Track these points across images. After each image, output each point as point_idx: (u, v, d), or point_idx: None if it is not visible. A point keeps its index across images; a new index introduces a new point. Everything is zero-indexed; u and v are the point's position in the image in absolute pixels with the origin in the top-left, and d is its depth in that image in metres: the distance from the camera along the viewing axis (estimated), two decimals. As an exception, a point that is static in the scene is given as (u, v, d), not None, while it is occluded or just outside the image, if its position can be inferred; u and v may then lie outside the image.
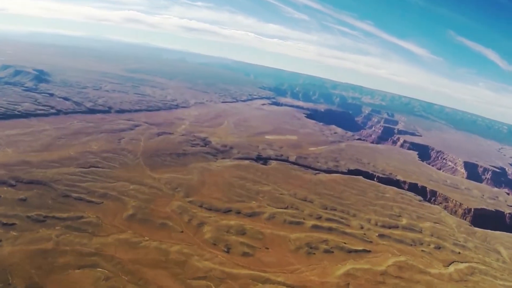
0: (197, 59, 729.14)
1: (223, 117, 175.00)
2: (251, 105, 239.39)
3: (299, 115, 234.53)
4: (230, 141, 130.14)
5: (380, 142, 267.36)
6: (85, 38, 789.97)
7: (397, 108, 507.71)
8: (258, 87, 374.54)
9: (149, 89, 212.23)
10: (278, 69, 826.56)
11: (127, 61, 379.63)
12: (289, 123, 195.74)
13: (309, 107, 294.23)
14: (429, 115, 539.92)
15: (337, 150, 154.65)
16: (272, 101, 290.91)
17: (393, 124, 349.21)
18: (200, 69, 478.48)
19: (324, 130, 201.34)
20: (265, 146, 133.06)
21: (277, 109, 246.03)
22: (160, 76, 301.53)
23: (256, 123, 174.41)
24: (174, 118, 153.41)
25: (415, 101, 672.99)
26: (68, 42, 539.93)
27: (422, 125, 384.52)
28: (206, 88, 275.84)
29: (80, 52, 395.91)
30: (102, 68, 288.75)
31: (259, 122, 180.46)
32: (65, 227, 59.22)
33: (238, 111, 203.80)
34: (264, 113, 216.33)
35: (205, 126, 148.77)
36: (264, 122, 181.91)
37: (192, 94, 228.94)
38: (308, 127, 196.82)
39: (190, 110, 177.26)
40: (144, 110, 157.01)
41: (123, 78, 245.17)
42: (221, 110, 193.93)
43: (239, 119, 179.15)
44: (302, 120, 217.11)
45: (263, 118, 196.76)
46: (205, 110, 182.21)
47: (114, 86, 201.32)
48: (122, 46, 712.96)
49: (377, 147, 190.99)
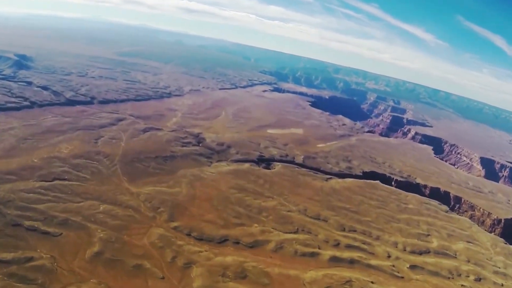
0: (195, 41, 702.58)
1: (221, 107, 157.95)
2: (251, 92, 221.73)
3: (303, 103, 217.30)
4: (228, 137, 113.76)
5: (390, 133, 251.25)
6: (83, 20, 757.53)
7: (403, 95, 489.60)
8: (259, 71, 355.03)
9: (140, 75, 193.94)
10: (279, 52, 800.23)
11: (121, 44, 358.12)
12: (293, 113, 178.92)
13: (313, 93, 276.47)
14: (436, 102, 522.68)
15: (348, 147, 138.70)
16: (273, 87, 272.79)
17: (400, 113, 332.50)
18: (198, 51, 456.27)
19: (331, 121, 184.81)
20: (267, 143, 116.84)
21: (279, 96, 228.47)
22: (155, 59, 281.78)
23: (257, 114, 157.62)
24: (165, 109, 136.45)
25: (420, 87, 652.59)
26: (63, 25, 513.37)
27: (430, 113, 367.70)
28: (203, 73, 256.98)
29: (73, 34, 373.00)
30: (93, 51, 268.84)
31: (260, 112, 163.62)
32: (8, 275, 43.83)
33: (237, 99, 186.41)
34: (265, 101, 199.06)
35: (200, 118, 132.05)
36: (266, 113, 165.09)
37: (187, 80, 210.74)
38: (314, 118, 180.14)
39: (184, 98, 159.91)
40: (131, 100, 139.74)
41: (114, 63, 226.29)
42: (219, 98, 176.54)
43: (238, 108, 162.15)
44: (307, 110, 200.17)
45: (265, 107, 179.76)
46: (200, 99, 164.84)
47: (102, 72, 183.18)
48: (119, 28, 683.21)
49: (390, 141, 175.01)
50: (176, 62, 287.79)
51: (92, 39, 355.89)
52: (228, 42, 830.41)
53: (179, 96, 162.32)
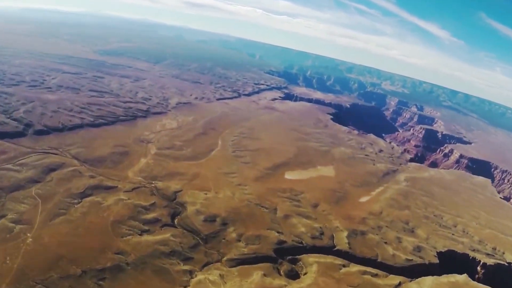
0: (196, 35, 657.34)
1: (217, 131, 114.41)
2: (258, 102, 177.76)
3: (323, 117, 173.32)
4: (224, 201, 70.34)
5: (427, 153, 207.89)
6: (82, 14, 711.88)
7: (422, 97, 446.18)
8: (265, 72, 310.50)
9: (116, 82, 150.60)
10: (285, 48, 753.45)
11: (110, 40, 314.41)
12: (315, 135, 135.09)
13: (331, 100, 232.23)
14: (458, 107, 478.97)
15: (401, 198, 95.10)
16: (284, 92, 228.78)
17: (428, 122, 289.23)
18: (197, 47, 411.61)
19: (363, 144, 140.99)
20: (288, 207, 73.37)
21: (292, 106, 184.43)
22: (144, 58, 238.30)
23: (267, 141, 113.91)
24: (133, 139, 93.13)
25: (437, 87, 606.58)
26: (57, 19, 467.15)
27: (459, 122, 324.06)
28: (199, 76, 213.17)
29: (61, 29, 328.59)
30: (70, 49, 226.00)
31: (272, 137, 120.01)
32: None
33: (240, 115, 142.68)
34: (277, 116, 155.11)
35: (183, 157, 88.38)
36: (279, 138, 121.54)
37: (177, 86, 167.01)
38: (342, 142, 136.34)
39: (166, 118, 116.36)
40: (88, 126, 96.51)
41: (89, 64, 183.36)
42: (216, 116, 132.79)
43: (242, 132, 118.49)
44: (330, 127, 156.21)
45: (277, 127, 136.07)
46: (190, 118, 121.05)
47: (66, 79, 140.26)
48: (118, 22, 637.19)
49: (444, 178, 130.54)
50: (169, 61, 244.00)
51: (78, 35, 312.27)
52: (232, 37, 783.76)
53: (160, 115, 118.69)
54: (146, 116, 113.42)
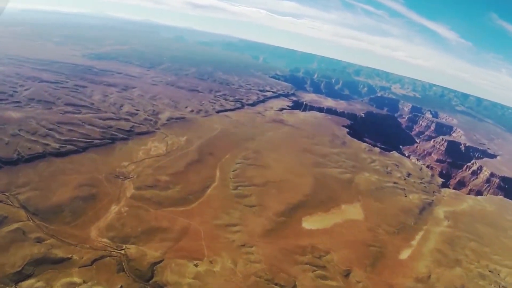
0: (198, 37, 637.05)
1: (215, 157, 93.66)
2: (264, 114, 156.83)
3: (338, 130, 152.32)
4: (221, 286, 49.67)
5: (453, 170, 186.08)
6: (83, 16, 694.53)
7: (435, 102, 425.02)
8: (270, 76, 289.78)
9: (99, 92, 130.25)
10: (289, 49, 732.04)
11: (104, 42, 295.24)
12: (333, 157, 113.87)
13: (343, 108, 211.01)
14: (470, 111, 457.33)
15: (446, 248, 74.15)
16: (291, 100, 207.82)
17: (446, 131, 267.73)
18: (198, 50, 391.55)
19: (388, 166, 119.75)
20: (311, 286, 52.78)
21: (303, 118, 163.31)
22: (138, 62, 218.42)
23: (277, 170, 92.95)
24: (106, 175, 72.52)
25: (447, 91, 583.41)
26: (55, 20, 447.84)
27: (477, 129, 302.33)
28: (198, 82, 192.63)
29: (53, 31, 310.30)
30: (59, 53, 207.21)
31: (282, 162, 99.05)
32: None
33: (243, 133, 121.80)
34: (286, 132, 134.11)
35: (168, 203, 67.43)
36: (291, 166, 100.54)
37: (171, 96, 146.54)
38: (364, 165, 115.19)
39: (153, 140, 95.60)
40: (50, 155, 76.25)
41: (74, 70, 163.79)
42: (214, 134, 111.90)
43: (245, 157, 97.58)
44: (348, 143, 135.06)
45: (287, 148, 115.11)
46: (182, 140, 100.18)
47: (41, 89, 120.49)
48: (118, 23, 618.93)
49: (485, 210, 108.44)
50: (165, 66, 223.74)
51: (71, 37, 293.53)
52: (235, 38, 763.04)
53: (147, 135, 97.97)
54: (128, 137, 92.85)
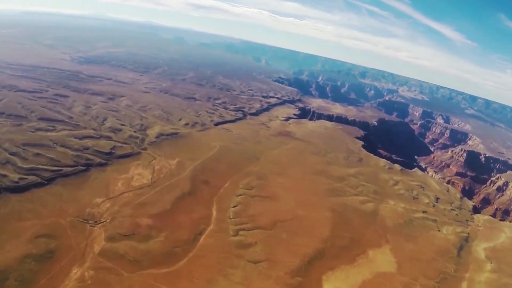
0: (199, 38, 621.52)
1: (210, 187, 76.90)
2: (268, 125, 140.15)
3: (352, 143, 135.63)
4: None
5: (476, 186, 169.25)
6: (84, 17, 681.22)
7: (444, 105, 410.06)
8: (274, 80, 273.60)
9: (82, 103, 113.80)
10: (292, 51, 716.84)
11: (99, 44, 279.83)
12: (351, 182, 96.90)
13: (353, 115, 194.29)
14: (480, 114, 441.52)
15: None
16: (298, 106, 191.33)
17: (462, 138, 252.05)
18: (198, 52, 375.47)
19: (413, 189, 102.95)
20: None
21: (312, 129, 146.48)
22: (132, 66, 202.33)
23: (287, 205, 75.96)
24: (72, 218, 56.00)
25: (455, 93, 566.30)
26: (52, 22, 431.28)
27: (492, 135, 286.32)
28: (196, 88, 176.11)
29: (47, 34, 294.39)
30: (47, 56, 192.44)
31: (292, 194, 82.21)
32: None
33: (245, 151, 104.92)
34: (294, 148, 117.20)
35: (147, 262, 50.39)
36: (303, 195, 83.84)
37: (163, 106, 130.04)
38: (386, 189, 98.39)
39: (137, 165, 78.91)
40: (6, 190, 59.93)
41: (59, 76, 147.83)
42: (211, 155, 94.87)
43: (248, 188, 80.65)
44: (365, 161, 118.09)
45: (297, 169, 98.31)
46: (172, 163, 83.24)
47: (15, 100, 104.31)
48: (118, 24, 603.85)
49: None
50: (161, 69, 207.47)
51: (64, 39, 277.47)
52: (236, 39, 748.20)
53: (130, 159, 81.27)
54: (107, 162, 76.29)
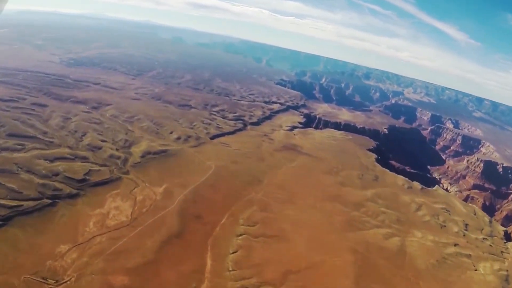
0: (198, 38, 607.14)
1: (204, 224, 63.08)
2: (271, 137, 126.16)
3: (364, 156, 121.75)
4: None
5: (496, 201, 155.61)
6: (81, 17, 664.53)
7: (451, 108, 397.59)
8: (276, 83, 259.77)
9: (61, 114, 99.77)
10: (293, 51, 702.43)
11: (93, 44, 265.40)
12: (370, 208, 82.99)
13: (362, 122, 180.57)
14: (488, 117, 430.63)
15: None
16: (302, 113, 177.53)
17: (474, 145, 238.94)
18: (197, 52, 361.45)
19: (439, 216, 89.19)
20: None
21: (320, 140, 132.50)
22: (124, 69, 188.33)
23: (300, 248, 62.13)
24: (25, 278, 42.48)
25: (461, 95, 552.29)
26: (48, 21, 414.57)
27: (504, 141, 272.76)
28: (192, 93, 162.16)
29: (39, 33, 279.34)
30: (34, 58, 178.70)
31: (304, 230, 68.47)
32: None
33: (245, 172, 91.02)
34: (302, 165, 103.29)
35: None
36: (317, 230, 70.17)
37: (153, 116, 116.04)
38: (409, 216, 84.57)
39: (115, 195, 64.68)
40: None
41: (42, 81, 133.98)
42: (205, 178, 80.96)
43: (249, 224, 66.87)
44: (381, 179, 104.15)
45: (308, 193, 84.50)
46: (158, 191, 69.15)
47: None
48: (116, 24, 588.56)
49: None
50: (156, 72, 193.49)
51: (56, 39, 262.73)
52: (236, 39, 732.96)
53: (107, 186, 67.23)
54: (78, 193, 62.37)
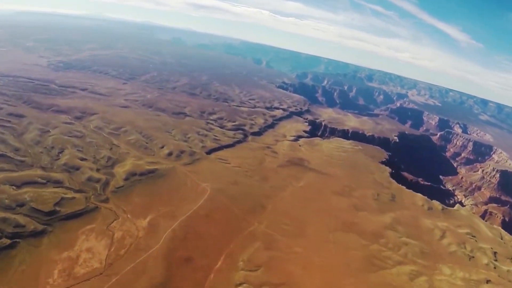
0: (197, 39, 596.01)
1: (196, 271, 51.51)
2: (274, 149, 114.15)
3: (377, 171, 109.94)
4: None
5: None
6: (79, 17, 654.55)
7: (457, 111, 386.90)
8: (277, 86, 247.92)
9: (38, 126, 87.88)
10: (294, 52, 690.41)
11: (85, 46, 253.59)
12: (390, 239, 71.21)
13: (370, 130, 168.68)
14: (495, 120, 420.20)
15: None
16: (306, 119, 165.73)
17: (486, 151, 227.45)
18: (195, 53, 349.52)
19: (465, 243, 77.29)
20: None
21: (329, 153, 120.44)
22: (115, 73, 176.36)
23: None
24: None
25: (466, 97, 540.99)
26: (44, 22, 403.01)
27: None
28: (188, 98, 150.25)
29: (30, 35, 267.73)
30: (20, 61, 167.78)
31: (316, 271, 56.89)
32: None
33: (246, 196, 79.14)
34: (309, 186, 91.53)
35: None
36: (332, 275, 58.52)
37: (143, 128, 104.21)
38: (433, 246, 72.66)
39: (87, 235, 52.14)
40: None
41: (24, 87, 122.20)
42: (198, 206, 69.06)
43: (251, 266, 55.20)
44: (398, 199, 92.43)
45: (317, 222, 72.77)
46: (141, 225, 56.98)
47: None
48: (115, 24, 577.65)
49: None
50: (150, 76, 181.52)
51: (48, 41, 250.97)
52: (236, 39, 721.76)
53: (79, 220, 54.40)
54: (45, 229, 50.35)
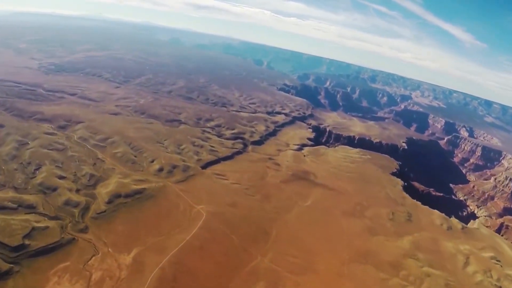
0: (197, 39, 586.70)
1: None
2: (277, 161, 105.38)
3: (389, 184, 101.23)
4: None
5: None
6: (77, 18, 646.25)
7: (461, 113, 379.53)
8: (279, 88, 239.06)
9: (17, 138, 79.25)
10: (295, 52, 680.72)
11: (80, 47, 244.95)
12: (410, 269, 62.44)
13: (377, 136, 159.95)
14: (499, 122, 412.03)
15: None
16: (310, 125, 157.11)
17: (495, 157, 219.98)
18: (194, 54, 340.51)
19: (492, 270, 68.72)
20: None
21: (336, 164, 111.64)
22: (108, 75, 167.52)
23: None
24: None
25: (470, 98, 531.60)
26: (40, 23, 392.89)
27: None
28: (184, 103, 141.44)
29: (23, 36, 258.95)
30: (9, 64, 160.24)
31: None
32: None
33: (245, 221, 70.44)
34: (317, 206, 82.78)
35: None
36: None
37: (132, 139, 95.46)
38: (458, 276, 64.12)
39: (60, 276, 44.38)
40: None
41: (10, 93, 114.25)
42: (189, 239, 60.64)
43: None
44: (414, 218, 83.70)
45: (328, 254, 64.01)
46: (123, 262, 48.85)
47: None
48: (114, 25, 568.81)
49: None
50: (144, 78, 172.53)
51: (41, 42, 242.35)
52: (236, 40, 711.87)
53: (51, 257, 45.24)
54: (10, 269, 41.28)
